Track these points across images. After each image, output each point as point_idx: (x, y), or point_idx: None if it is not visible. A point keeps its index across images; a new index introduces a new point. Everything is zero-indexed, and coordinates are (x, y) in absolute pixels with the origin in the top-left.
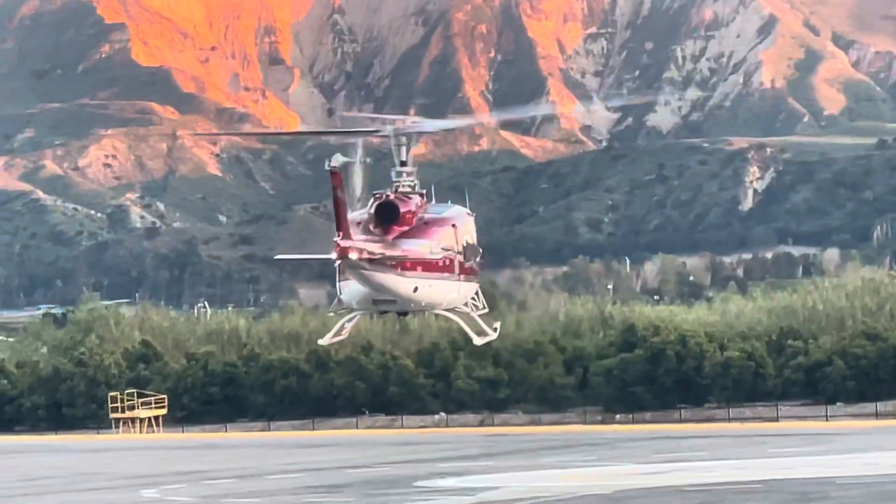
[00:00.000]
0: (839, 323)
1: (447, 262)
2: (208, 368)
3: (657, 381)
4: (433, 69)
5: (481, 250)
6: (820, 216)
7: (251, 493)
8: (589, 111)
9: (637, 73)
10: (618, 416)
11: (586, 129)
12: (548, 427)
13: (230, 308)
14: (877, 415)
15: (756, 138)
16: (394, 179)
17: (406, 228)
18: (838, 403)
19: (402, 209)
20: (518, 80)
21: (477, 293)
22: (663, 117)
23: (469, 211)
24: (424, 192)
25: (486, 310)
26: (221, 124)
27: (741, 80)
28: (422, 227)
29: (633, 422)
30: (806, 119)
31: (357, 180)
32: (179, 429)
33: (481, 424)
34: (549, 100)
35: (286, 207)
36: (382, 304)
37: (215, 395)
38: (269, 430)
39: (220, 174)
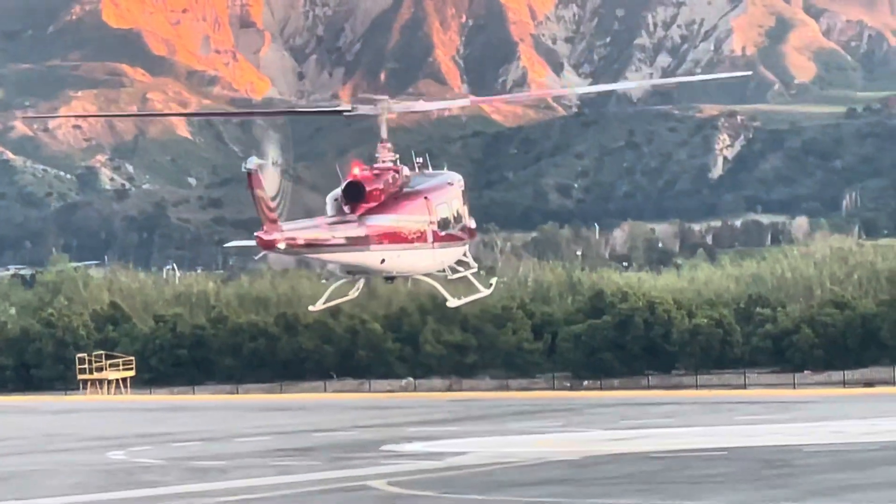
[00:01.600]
0: (807, 291)
1: (418, 233)
2: (177, 331)
3: (625, 347)
4: (404, 34)
5: (464, 216)
6: (789, 184)
7: (218, 455)
8: (561, 77)
9: (608, 39)
10: (585, 382)
11: (557, 94)
12: (515, 392)
13: (199, 271)
14: (844, 383)
15: (726, 106)
16: (377, 155)
17: (374, 205)
18: (805, 371)
19: (369, 188)
20: (489, 46)
21: (466, 254)
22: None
23: (452, 178)
24: (420, 160)
25: (475, 269)
26: (192, 87)
27: (712, 48)
28: (391, 202)
29: (601, 388)
30: (776, 87)
31: (271, 180)
32: (147, 391)
33: (449, 389)
34: (520, 66)
35: None
36: (357, 272)
37: (183, 357)
38: (237, 392)
39: (189, 137)
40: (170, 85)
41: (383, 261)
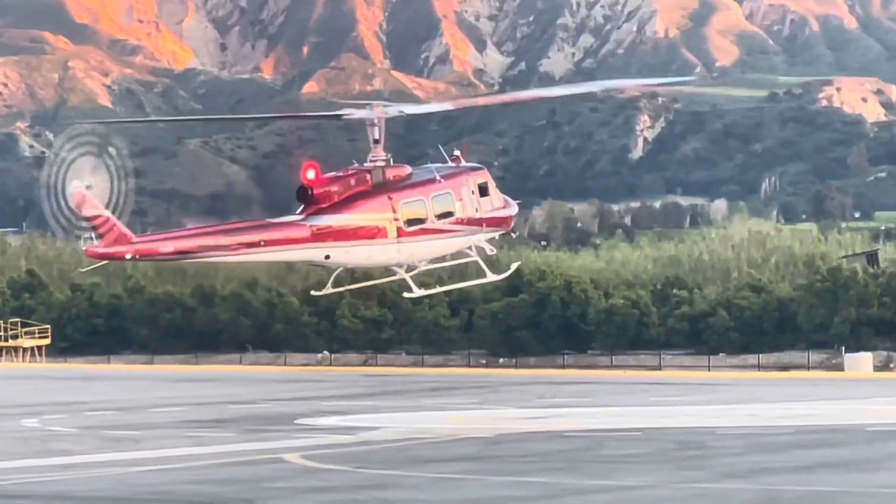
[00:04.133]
0: (724, 274)
1: (375, 229)
2: (93, 300)
3: (541, 326)
4: (327, 7)
5: (463, 209)
6: (709, 167)
7: (132, 425)
8: (483, 55)
9: (531, 18)
10: (501, 360)
11: (479, 72)
12: (431, 369)
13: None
14: (759, 366)
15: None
16: (370, 157)
17: (324, 205)
18: (721, 354)
19: (317, 191)
20: (412, 22)
21: (470, 246)
22: (556, 63)
23: (439, 174)
24: (458, 153)
25: (473, 258)
26: (114, 55)
27: (635, 29)
28: (345, 203)
29: (517, 366)
30: (698, 70)
31: (96, 199)
32: (62, 359)
33: (365, 364)
34: (443, 42)
35: (177, 141)
36: (315, 265)
37: (99, 326)
38: (153, 363)
39: (110, 106)
40: (92, 53)
41: (328, 256)
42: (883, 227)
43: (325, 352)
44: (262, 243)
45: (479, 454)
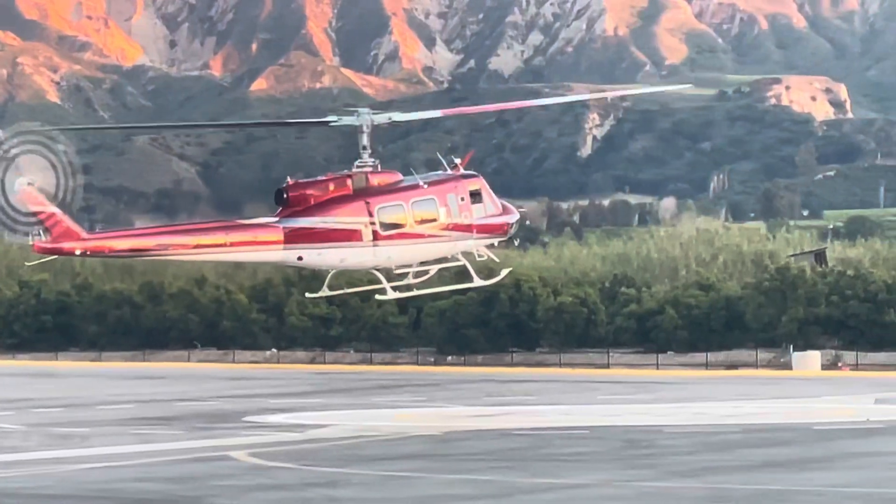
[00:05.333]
0: (673, 272)
1: (349, 233)
2: (41, 296)
3: (490, 324)
4: (277, 4)
5: (447, 216)
6: (658, 165)
7: (80, 422)
8: (432, 52)
9: (481, 15)
10: (450, 358)
11: (428, 69)
12: (379, 366)
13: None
14: (707, 365)
15: (597, 85)
16: (357, 163)
17: (299, 208)
18: (669, 352)
19: (292, 193)
20: (361, 19)
21: (462, 253)
22: (505, 61)
23: (424, 181)
24: (459, 161)
25: (457, 263)
26: (63, 52)
27: (584, 27)
28: (321, 207)
29: (465, 364)
30: (647, 68)
31: (41, 195)
32: (10, 356)
33: (313, 361)
34: (392, 39)
35: (125, 138)
36: (288, 266)
37: (47, 323)
38: (101, 360)
39: (59, 102)
40: (41, 50)
41: (300, 258)
42: (831, 226)
43: (274, 349)
44: (229, 244)
45: (427, 452)
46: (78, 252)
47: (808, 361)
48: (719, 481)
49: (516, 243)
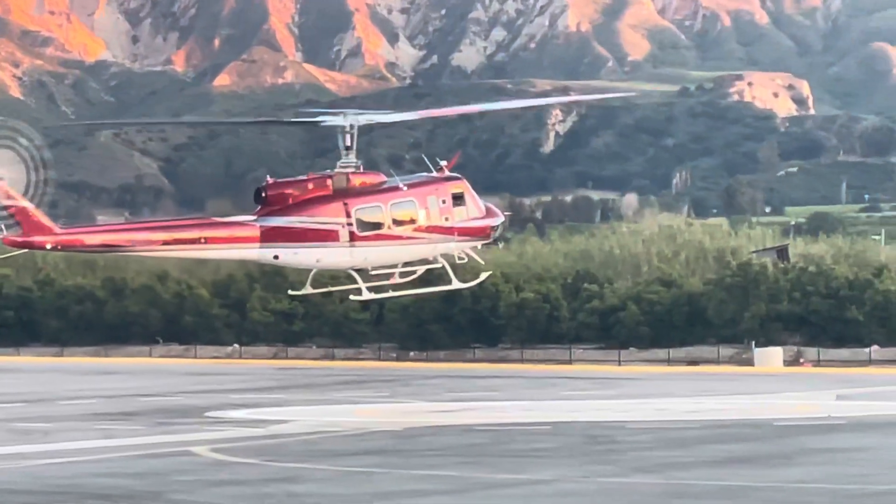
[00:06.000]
0: (635, 268)
1: (325, 233)
2: (2, 292)
3: (452, 319)
4: (239, 0)
5: (426, 218)
6: (620, 161)
7: (41, 417)
8: (395, 48)
9: (443, 11)
10: (412, 354)
11: (391, 65)
12: (341, 362)
13: None
14: (668, 361)
15: (560, 81)
16: (339, 164)
17: (277, 207)
18: (631, 348)
19: (270, 192)
20: (324, 15)
21: (442, 255)
22: (468, 57)
23: (405, 183)
24: (445, 163)
25: (438, 265)
26: (25, 47)
27: (547, 23)
28: (298, 206)
29: (427, 360)
30: (610, 64)
31: (11, 189)
32: None
33: (275, 357)
34: (355, 35)
35: (87, 133)
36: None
37: (9, 318)
38: (63, 355)
39: (21, 98)
40: (2, 45)
41: (276, 257)
42: (793, 222)
43: (236, 345)
44: (204, 240)
45: (388, 448)
46: (49, 246)
47: (770, 358)
48: (680, 477)
49: (500, 246)
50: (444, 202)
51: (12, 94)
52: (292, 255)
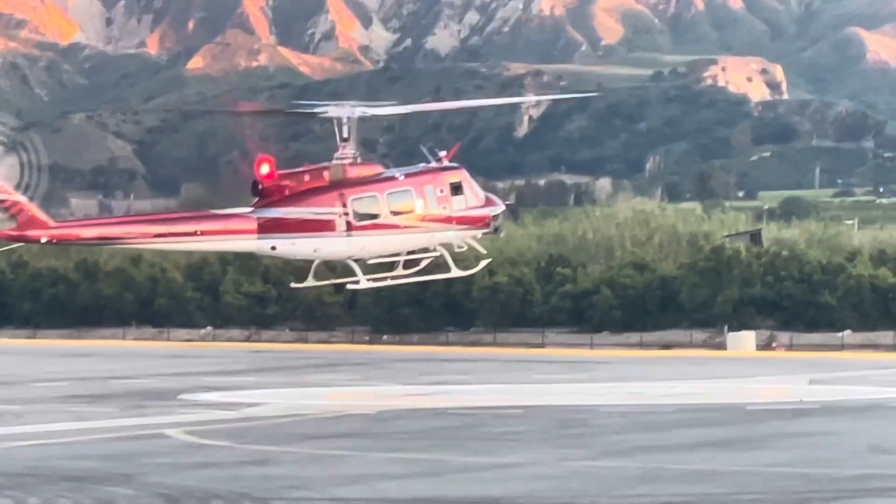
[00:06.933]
0: (608, 252)
1: (322, 223)
2: None
3: (425, 303)
4: None
5: (423, 208)
6: (594, 145)
7: (13, 399)
8: (368, 31)
9: None
10: (385, 337)
11: (364, 48)
12: (315, 345)
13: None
14: (641, 345)
15: (533, 65)
16: (336, 155)
17: (275, 198)
18: (604, 332)
19: (268, 185)
20: None
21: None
22: (442, 40)
23: (402, 173)
24: (444, 153)
25: (435, 254)
26: None
27: (521, 6)
28: (295, 197)
29: (401, 343)
30: (584, 48)
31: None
32: None
33: (248, 340)
34: (329, 18)
35: (61, 115)
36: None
37: None
38: (36, 337)
39: None
40: None
41: (274, 248)
42: (766, 207)
43: (209, 327)
44: (200, 233)
45: (361, 431)
46: (44, 240)
47: (743, 342)
48: (652, 461)
49: (501, 235)
50: (441, 192)
51: None
52: (290, 246)
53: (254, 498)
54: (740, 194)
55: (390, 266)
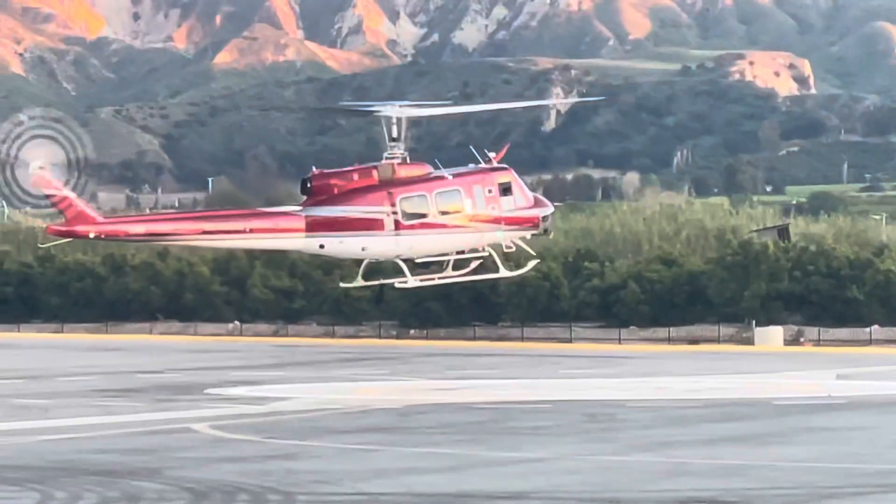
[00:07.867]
0: (636, 247)
1: (370, 222)
2: (3, 268)
3: (452, 297)
4: None
5: (471, 208)
6: (621, 140)
7: (41, 393)
8: (396, 26)
9: None
10: (412, 332)
11: (392, 43)
12: (342, 340)
13: (28, 208)
14: (669, 340)
15: (561, 60)
16: (386, 154)
17: (324, 197)
18: (631, 327)
19: (316, 183)
20: None
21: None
22: (469, 35)
23: (451, 173)
24: (493, 155)
25: (485, 254)
26: (27, 23)
27: (548, 1)
28: (344, 196)
29: (428, 337)
30: (611, 42)
31: (54, 179)
32: None
33: (275, 334)
34: (356, 12)
35: (88, 109)
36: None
37: (9, 295)
38: (63, 332)
39: (23, 74)
40: (4, 21)
41: (322, 246)
42: (794, 202)
43: (236, 322)
44: (249, 230)
45: (388, 425)
46: (92, 235)
47: (771, 337)
48: (680, 455)
49: (550, 236)
50: (490, 192)
51: (14, 70)
52: (338, 244)
53: (281, 492)
54: (768, 189)
55: (440, 268)
